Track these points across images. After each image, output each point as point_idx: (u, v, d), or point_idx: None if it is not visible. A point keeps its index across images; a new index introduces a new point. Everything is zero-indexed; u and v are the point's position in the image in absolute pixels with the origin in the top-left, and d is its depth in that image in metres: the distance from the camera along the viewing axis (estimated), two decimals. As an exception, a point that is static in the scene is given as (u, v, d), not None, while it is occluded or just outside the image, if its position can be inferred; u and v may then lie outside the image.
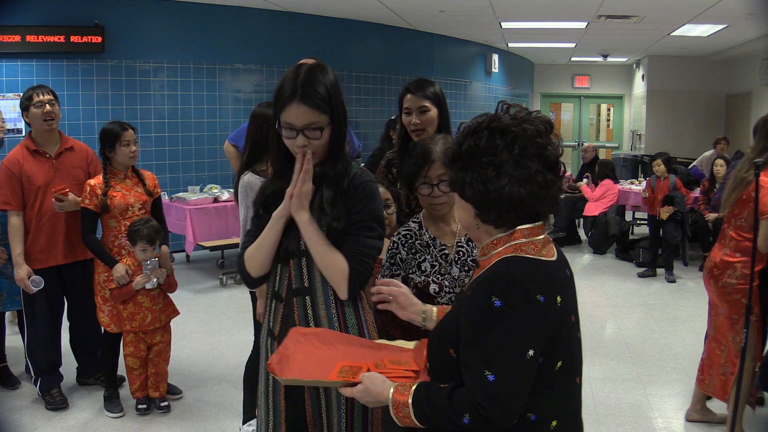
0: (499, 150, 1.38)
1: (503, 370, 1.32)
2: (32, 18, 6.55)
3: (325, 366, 1.58)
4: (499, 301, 1.32)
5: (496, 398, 1.31)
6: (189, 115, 7.61)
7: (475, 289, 1.38)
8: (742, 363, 3.01)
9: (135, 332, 3.48)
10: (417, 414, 1.40)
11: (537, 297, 1.33)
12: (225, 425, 3.50)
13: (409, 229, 2.19)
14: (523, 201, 1.38)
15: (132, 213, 3.51)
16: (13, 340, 4.02)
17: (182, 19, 7.45)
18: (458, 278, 2.16)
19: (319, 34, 8.57)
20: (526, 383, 1.34)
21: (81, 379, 3.98)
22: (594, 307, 5.90)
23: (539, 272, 1.38)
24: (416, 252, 2.16)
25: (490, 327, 1.33)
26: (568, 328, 1.43)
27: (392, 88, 9.69)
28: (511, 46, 12.16)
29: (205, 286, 6.35)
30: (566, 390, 1.45)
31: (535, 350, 1.32)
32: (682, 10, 7.97)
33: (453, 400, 1.36)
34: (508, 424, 1.35)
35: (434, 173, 2.08)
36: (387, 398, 1.45)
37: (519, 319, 1.32)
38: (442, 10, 8.36)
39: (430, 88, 2.69)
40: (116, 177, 3.52)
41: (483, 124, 1.42)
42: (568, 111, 15.75)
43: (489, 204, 1.40)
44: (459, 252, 2.16)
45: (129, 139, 3.46)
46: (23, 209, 3.54)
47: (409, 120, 2.68)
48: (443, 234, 2.19)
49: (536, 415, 1.40)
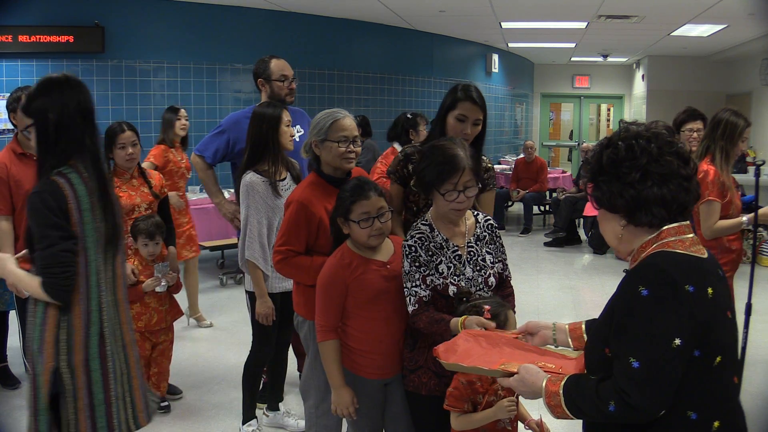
0: (638, 154, 1.45)
1: (648, 357, 1.33)
2: (32, 18, 6.55)
3: (488, 360, 1.71)
4: (646, 290, 1.36)
5: (640, 385, 1.33)
6: (189, 115, 7.58)
7: (626, 282, 1.43)
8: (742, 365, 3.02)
9: (141, 332, 3.46)
10: (567, 402, 1.44)
11: (686, 287, 1.36)
12: (225, 425, 3.51)
13: (421, 231, 2.21)
14: (672, 195, 1.44)
15: (138, 213, 3.50)
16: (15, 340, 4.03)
17: (182, 19, 7.45)
18: (472, 278, 2.19)
19: (319, 34, 8.57)
20: (673, 372, 1.34)
21: None
22: (593, 308, 5.88)
23: (688, 264, 1.40)
24: (432, 254, 2.18)
25: (637, 314, 1.36)
26: (723, 322, 1.42)
27: (392, 88, 9.70)
28: (511, 46, 12.16)
29: (205, 286, 6.35)
30: (726, 389, 1.44)
31: (682, 339, 1.33)
32: (682, 10, 7.97)
33: (600, 388, 1.39)
34: (654, 413, 1.36)
35: (463, 179, 2.12)
36: (540, 388, 1.50)
37: (666, 307, 1.34)
38: (442, 10, 8.36)
39: (483, 99, 2.64)
40: (122, 177, 3.51)
41: (614, 137, 1.50)
42: (568, 111, 15.75)
43: (641, 206, 1.45)
44: (470, 252, 2.21)
45: (125, 142, 3.43)
46: (12, 213, 3.51)
47: (461, 128, 2.58)
48: (454, 235, 2.22)
49: (697, 414, 1.39)
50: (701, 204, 3.24)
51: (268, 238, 3.06)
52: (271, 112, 3.11)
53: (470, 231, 2.27)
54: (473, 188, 2.15)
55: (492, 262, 2.27)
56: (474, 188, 2.16)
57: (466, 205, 2.16)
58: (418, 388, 2.20)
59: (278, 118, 3.10)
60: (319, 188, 2.56)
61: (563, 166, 13.84)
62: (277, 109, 3.13)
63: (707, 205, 3.22)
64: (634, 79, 14.45)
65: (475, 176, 2.17)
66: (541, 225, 9.74)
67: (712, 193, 3.20)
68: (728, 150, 3.26)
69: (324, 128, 2.51)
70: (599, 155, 1.51)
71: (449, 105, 2.62)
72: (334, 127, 2.50)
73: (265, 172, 3.06)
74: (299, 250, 2.54)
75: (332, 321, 2.26)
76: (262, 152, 3.08)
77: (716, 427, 1.40)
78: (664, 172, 1.44)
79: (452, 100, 2.61)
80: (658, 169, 1.44)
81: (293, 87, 3.63)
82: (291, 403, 3.67)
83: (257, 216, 3.03)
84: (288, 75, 3.61)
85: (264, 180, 3.05)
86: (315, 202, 2.51)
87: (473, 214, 2.32)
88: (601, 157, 1.50)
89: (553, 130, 15.88)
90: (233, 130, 3.61)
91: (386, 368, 2.31)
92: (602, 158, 1.49)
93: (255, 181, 3.03)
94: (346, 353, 2.31)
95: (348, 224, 2.24)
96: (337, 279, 2.24)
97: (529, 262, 7.25)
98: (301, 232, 2.52)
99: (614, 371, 1.38)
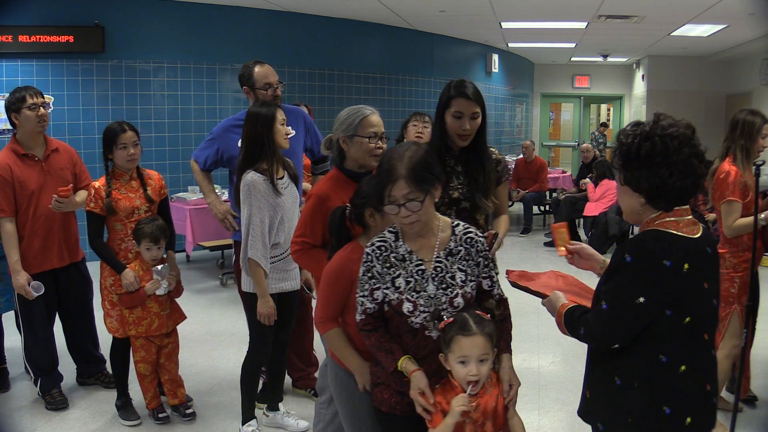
0: (671, 152, 1.73)
1: (614, 303, 1.74)
2: (32, 18, 6.55)
3: (545, 288, 2.12)
4: (630, 258, 1.73)
5: (604, 322, 1.76)
6: (189, 115, 7.61)
7: (619, 248, 1.79)
8: (742, 363, 3.02)
9: (144, 336, 3.39)
10: (566, 323, 1.89)
11: (663, 262, 1.70)
12: (225, 425, 3.50)
13: (385, 240, 2.05)
14: (689, 190, 1.77)
15: (138, 215, 3.41)
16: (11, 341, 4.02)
17: (182, 19, 7.45)
18: (435, 296, 2.01)
19: (319, 34, 8.58)
20: (631, 320, 1.74)
21: (81, 380, 3.97)
22: (594, 307, 5.88)
23: (672, 243, 1.74)
24: (390, 266, 2.02)
25: (618, 273, 1.75)
26: (699, 292, 1.76)
27: (392, 88, 9.70)
28: (511, 46, 12.16)
29: (205, 286, 6.35)
30: (695, 342, 1.78)
31: (646, 299, 1.70)
32: (682, 10, 7.98)
33: (580, 318, 1.83)
34: (608, 344, 1.80)
35: (399, 192, 1.91)
36: (556, 309, 1.95)
37: (638, 273, 1.71)
38: (442, 10, 8.36)
39: (477, 91, 2.62)
40: (121, 179, 3.41)
41: (653, 131, 1.76)
42: (568, 111, 15.76)
43: (662, 195, 1.76)
44: (437, 268, 2.02)
45: (126, 142, 3.34)
46: (15, 214, 3.49)
47: (459, 125, 2.57)
48: (421, 247, 2.04)
49: (667, 358, 1.75)
50: (722, 203, 3.29)
51: (269, 237, 3.06)
52: (265, 112, 3.11)
53: (442, 244, 2.05)
54: (415, 202, 1.92)
55: (463, 281, 2.04)
56: (416, 203, 1.92)
57: (414, 219, 1.94)
58: (380, 403, 2.12)
59: (272, 117, 3.10)
60: (340, 183, 2.56)
61: (563, 166, 13.85)
62: (272, 108, 3.13)
63: (728, 205, 3.27)
64: (634, 79, 14.45)
65: (417, 187, 1.92)
66: (541, 225, 9.73)
67: (733, 193, 3.25)
68: (748, 148, 3.34)
69: (353, 124, 2.53)
70: (637, 146, 1.75)
71: (444, 103, 2.61)
72: (364, 123, 2.53)
73: (264, 171, 3.06)
74: (315, 243, 2.55)
75: (333, 313, 2.21)
76: (258, 152, 3.07)
77: (683, 369, 1.75)
78: (687, 171, 1.74)
79: (446, 99, 2.60)
80: (684, 168, 1.73)
81: (278, 93, 3.59)
82: (291, 403, 3.67)
83: (260, 215, 3.02)
84: (272, 82, 3.58)
85: (265, 179, 3.05)
86: (333, 197, 2.51)
87: (451, 225, 2.09)
88: (640, 148, 1.75)
89: (553, 130, 15.89)
90: (222, 138, 3.62)
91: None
92: (640, 149, 1.75)
93: (256, 179, 3.03)
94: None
95: (377, 212, 2.15)
96: (344, 272, 2.18)
97: (529, 262, 7.24)
98: (317, 225, 2.53)
99: (591, 308, 1.84)
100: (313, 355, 3.91)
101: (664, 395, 1.75)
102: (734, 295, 3.31)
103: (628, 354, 1.78)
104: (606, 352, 1.82)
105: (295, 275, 3.25)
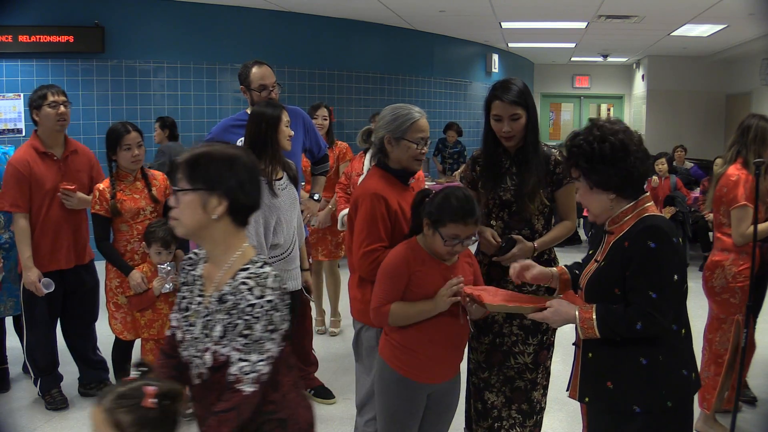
0: (627, 144, 1.93)
1: (661, 289, 1.87)
2: (32, 18, 6.55)
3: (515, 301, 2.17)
4: (654, 243, 1.87)
5: (659, 308, 1.86)
6: (189, 115, 7.61)
7: (633, 240, 1.92)
8: (742, 364, 3.02)
9: (154, 339, 3.37)
10: (600, 324, 1.91)
11: (675, 239, 1.91)
12: (225, 425, 3.49)
13: (195, 254, 1.78)
14: (646, 173, 2.00)
15: (144, 217, 3.40)
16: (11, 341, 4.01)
17: (182, 19, 7.45)
18: (197, 339, 1.66)
19: (319, 34, 8.57)
20: (676, 297, 1.92)
21: (84, 390, 3.81)
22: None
23: (668, 223, 1.97)
24: (185, 284, 1.76)
25: (651, 261, 1.88)
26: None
27: (392, 88, 9.69)
28: (511, 46, 12.16)
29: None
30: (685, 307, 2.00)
31: (679, 275, 1.89)
32: (682, 10, 7.97)
33: (628, 312, 1.89)
34: (669, 326, 1.91)
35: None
36: (574, 316, 1.97)
37: (667, 254, 1.88)
38: (442, 10, 8.35)
39: (518, 91, 2.57)
40: (125, 180, 3.40)
41: (603, 133, 1.94)
42: (568, 111, 15.75)
43: (629, 183, 1.94)
44: (208, 307, 1.66)
45: (131, 143, 3.33)
46: (29, 211, 3.47)
47: (500, 127, 2.58)
48: (212, 277, 1.69)
49: (677, 326, 1.95)
50: (734, 209, 3.17)
51: (265, 238, 3.05)
52: (271, 112, 3.08)
53: (221, 282, 1.65)
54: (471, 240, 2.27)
55: (219, 338, 1.61)
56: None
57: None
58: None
59: (278, 118, 3.08)
60: (390, 182, 2.52)
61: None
62: (277, 109, 3.11)
63: (741, 210, 3.15)
64: (634, 79, 14.44)
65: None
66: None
67: (747, 198, 3.14)
68: (761, 153, 3.25)
69: (403, 127, 2.47)
70: (599, 148, 1.92)
71: (486, 108, 2.63)
72: (414, 127, 2.48)
73: (262, 171, 3.05)
74: (388, 245, 2.42)
75: (390, 300, 2.23)
76: (260, 151, 3.06)
77: (683, 333, 1.98)
78: (642, 156, 1.96)
79: (487, 101, 2.62)
80: (639, 154, 1.95)
81: (273, 96, 3.52)
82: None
83: (254, 215, 3.01)
84: (267, 84, 3.52)
85: (264, 179, 3.04)
86: (389, 196, 2.45)
87: (246, 262, 1.67)
88: (602, 149, 1.92)
89: (553, 130, 15.89)
90: (220, 138, 3.58)
91: (433, 372, 2.27)
92: (603, 150, 1.92)
93: (255, 179, 3.02)
94: (392, 348, 2.27)
95: (434, 231, 2.19)
96: (402, 268, 2.21)
97: (529, 262, 7.22)
98: (384, 225, 2.44)
99: (636, 301, 1.88)
100: (313, 355, 3.90)
101: (682, 360, 1.95)
102: (735, 306, 3.23)
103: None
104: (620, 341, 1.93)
105: (295, 275, 3.24)
